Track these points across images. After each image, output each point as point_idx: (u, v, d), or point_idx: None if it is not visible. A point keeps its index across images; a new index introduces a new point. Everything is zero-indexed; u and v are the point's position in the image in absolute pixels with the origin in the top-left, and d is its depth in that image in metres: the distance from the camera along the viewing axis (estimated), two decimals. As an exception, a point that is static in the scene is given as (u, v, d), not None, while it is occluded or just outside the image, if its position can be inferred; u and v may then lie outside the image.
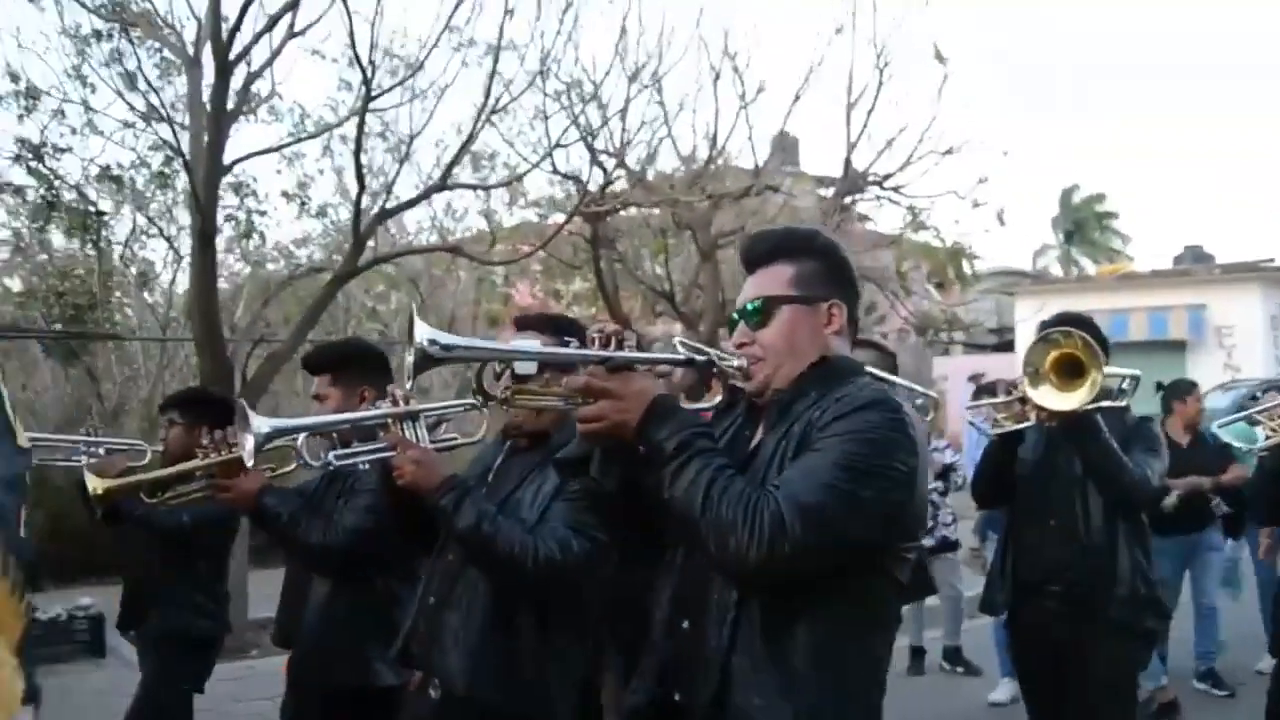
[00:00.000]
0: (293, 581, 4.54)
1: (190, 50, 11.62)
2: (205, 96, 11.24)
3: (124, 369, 14.35)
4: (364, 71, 10.82)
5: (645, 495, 2.13)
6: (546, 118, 13.05)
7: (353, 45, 10.60)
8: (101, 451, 5.70)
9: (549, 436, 3.25)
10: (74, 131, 12.69)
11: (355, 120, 11.63)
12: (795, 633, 2.08)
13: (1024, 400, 4.53)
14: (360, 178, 11.06)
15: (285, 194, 14.19)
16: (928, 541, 7.84)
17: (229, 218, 14.03)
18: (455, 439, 3.65)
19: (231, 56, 10.87)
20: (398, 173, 12.29)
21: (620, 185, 14.45)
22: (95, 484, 4.61)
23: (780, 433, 2.20)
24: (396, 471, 3.18)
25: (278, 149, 12.35)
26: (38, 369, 14.82)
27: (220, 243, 14.93)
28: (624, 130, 13.71)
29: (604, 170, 13.54)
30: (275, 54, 11.77)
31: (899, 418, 2.11)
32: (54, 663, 9.05)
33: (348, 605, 4.03)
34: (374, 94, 11.12)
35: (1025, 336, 24.53)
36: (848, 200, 15.97)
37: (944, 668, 9.02)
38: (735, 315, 2.37)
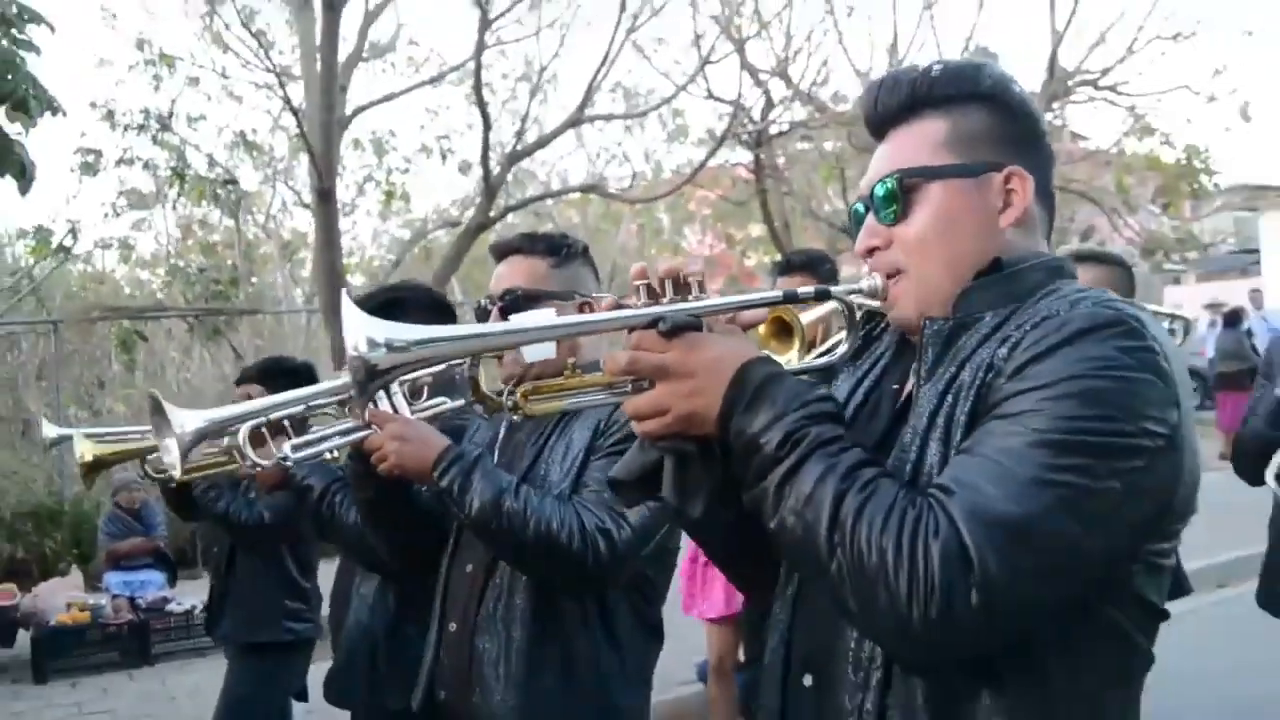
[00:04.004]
0: (340, 573, 4.00)
1: (297, -9, 10.84)
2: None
3: (268, 344, 14.01)
4: (477, -7, 9.81)
5: (752, 515, 1.52)
6: (699, 38, 12.16)
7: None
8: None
9: None
10: (209, 99, 12.38)
11: (483, 54, 10.70)
12: (978, 708, 1.45)
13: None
14: (484, 112, 10.12)
15: (424, 147, 13.40)
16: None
17: (368, 178, 13.40)
18: (443, 403, 2.93)
19: (338, -9, 10.10)
20: (529, 107, 11.20)
21: (789, 111, 13.27)
22: (84, 448, 4.14)
23: (942, 383, 1.55)
24: (376, 455, 2.64)
25: (399, 95, 11.47)
26: (194, 347, 14.65)
27: (372, 207, 14.65)
28: (788, 41, 12.54)
29: (764, 90, 12.35)
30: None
31: (1143, 344, 1.43)
32: (191, 656, 8.68)
33: (397, 606, 3.44)
34: (490, 17, 10.10)
35: (1276, 259, 21.81)
36: (1055, 106, 14.04)
37: None
38: (858, 206, 1.75)
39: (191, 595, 9.30)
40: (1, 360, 13.62)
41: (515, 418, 1.97)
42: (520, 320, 2.13)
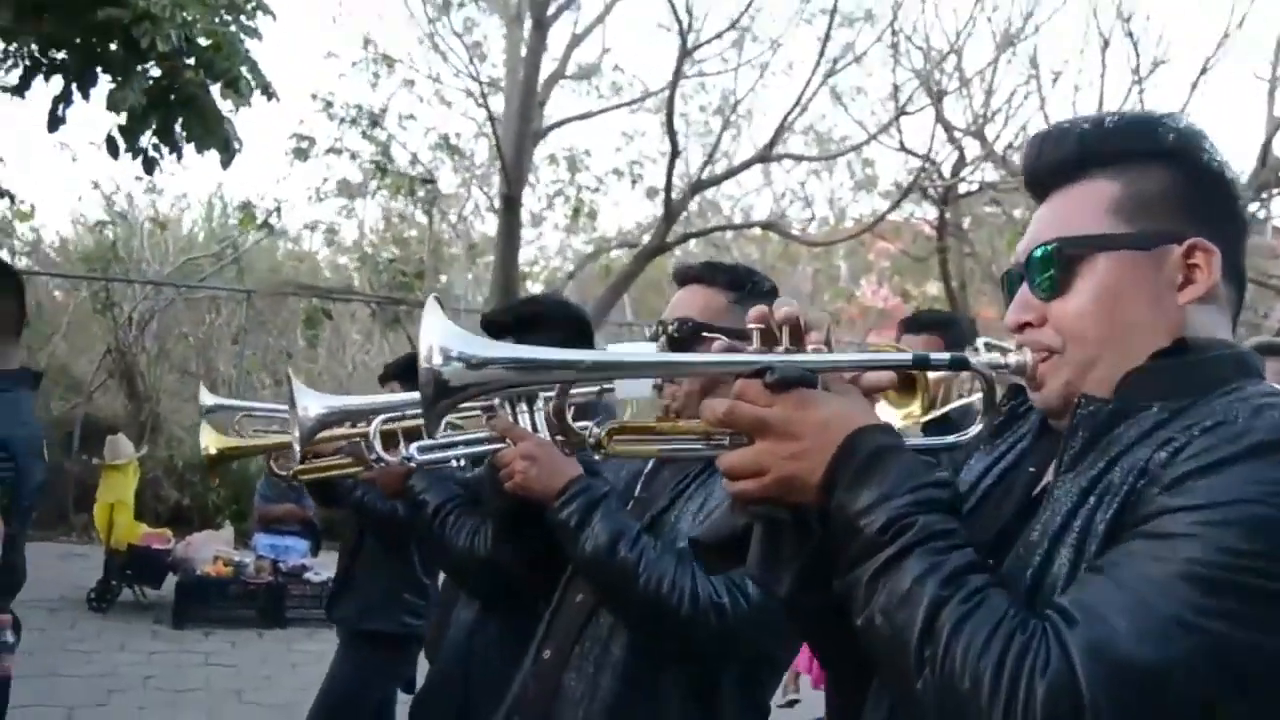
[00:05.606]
0: (444, 592, 3.96)
1: (513, 7, 10.82)
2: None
3: (441, 339, 14.04)
4: (679, 21, 9.53)
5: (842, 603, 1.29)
6: (897, 89, 11.64)
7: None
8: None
9: None
10: (420, 100, 12.55)
11: (679, 83, 10.46)
12: None
13: None
14: (673, 139, 9.83)
15: (617, 171, 13.24)
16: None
17: (559, 193, 13.34)
18: (586, 428, 2.56)
19: (551, 10, 10.06)
20: (719, 139, 10.81)
21: (980, 171, 12.60)
22: (209, 440, 4.01)
23: (1087, 478, 1.27)
24: (504, 470, 2.48)
25: (594, 115, 11.31)
26: (375, 333, 14.90)
27: (560, 221, 14.63)
28: (987, 100, 11.88)
29: (958, 147, 11.65)
30: (603, 14, 10.87)
31: None
32: (320, 626, 8.48)
33: (497, 636, 3.16)
34: (690, 47, 9.82)
35: None
36: (1264, 196, 12.92)
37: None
38: (1009, 274, 1.48)
39: (330, 567, 9.27)
40: (200, 321, 14.12)
41: (596, 458, 1.69)
42: (617, 351, 1.94)
